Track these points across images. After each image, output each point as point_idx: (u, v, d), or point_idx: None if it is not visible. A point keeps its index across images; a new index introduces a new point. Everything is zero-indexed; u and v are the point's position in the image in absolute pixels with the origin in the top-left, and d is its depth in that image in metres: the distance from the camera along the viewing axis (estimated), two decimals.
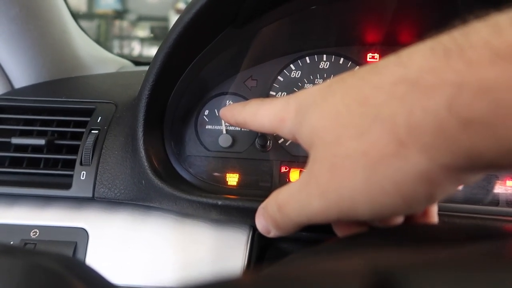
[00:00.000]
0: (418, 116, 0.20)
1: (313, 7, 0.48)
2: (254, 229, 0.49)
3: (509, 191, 0.49)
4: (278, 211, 0.28)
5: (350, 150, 0.23)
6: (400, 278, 0.12)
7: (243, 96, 0.55)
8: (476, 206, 0.48)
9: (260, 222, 0.31)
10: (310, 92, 0.28)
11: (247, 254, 0.47)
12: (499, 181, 0.49)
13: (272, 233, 0.30)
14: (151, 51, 4.15)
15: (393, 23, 0.52)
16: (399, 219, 0.28)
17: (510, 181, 0.49)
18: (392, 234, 0.23)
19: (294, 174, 0.53)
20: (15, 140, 0.52)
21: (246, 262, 0.46)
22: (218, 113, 0.55)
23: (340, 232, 0.31)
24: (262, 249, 0.50)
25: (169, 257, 0.47)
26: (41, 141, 0.51)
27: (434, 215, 0.30)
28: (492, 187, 0.49)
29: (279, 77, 0.56)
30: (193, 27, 0.43)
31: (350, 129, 0.23)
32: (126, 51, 4.02)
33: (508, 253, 0.15)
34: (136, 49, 4.11)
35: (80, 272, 0.23)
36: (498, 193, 0.49)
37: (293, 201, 0.27)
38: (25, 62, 0.61)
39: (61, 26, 0.64)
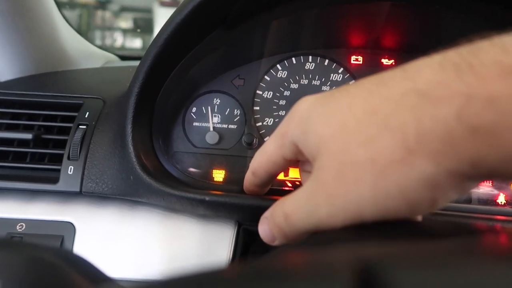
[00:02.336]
0: (427, 124, 0.21)
1: (302, 11, 0.50)
2: (239, 224, 0.50)
3: (481, 190, 0.52)
4: (284, 220, 0.28)
5: (358, 157, 0.24)
6: (385, 269, 0.13)
7: (230, 95, 0.57)
8: (450, 203, 0.51)
9: (264, 231, 0.31)
10: (309, 101, 0.29)
11: (232, 248, 0.48)
12: None
13: (277, 242, 0.30)
14: (134, 43, 4.08)
15: (377, 28, 0.54)
16: None
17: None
18: (376, 228, 0.24)
19: None
20: (1, 134, 0.51)
21: (231, 256, 0.48)
22: (206, 111, 0.56)
23: None
24: (246, 244, 0.51)
25: (156, 251, 0.48)
26: (28, 136, 0.51)
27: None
28: None
29: (266, 77, 0.57)
30: (184, 28, 0.44)
31: (358, 137, 0.24)
32: (108, 42, 3.95)
33: (484, 247, 0.17)
34: (119, 40, 4.04)
35: (77, 264, 0.24)
36: (471, 192, 0.52)
37: (300, 210, 0.27)
38: (10, 55, 0.60)
39: (47, 19, 0.63)
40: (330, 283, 0.12)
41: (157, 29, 0.44)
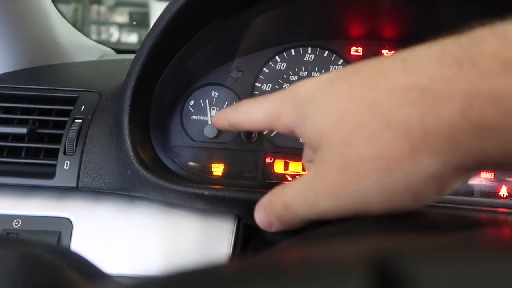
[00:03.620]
0: (431, 122, 0.21)
1: (300, 1, 0.49)
2: (239, 218, 0.50)
3: (483, 182, 0.52)
4: (284, 209, 0.28)
5: (362, 152, 0.24)
6: (404, 262, 0.12)
7: (228, 87, 0.56)
8: (452, 196, 0.50)
9: (261, 218, 0.31)
10: (307, 87, 0.28)
11: (232, 243, 0.48)
12: None
13: (275, 228, 0.30)
14: (130, 37, 4.05)
15: (377, 18, 0.53)
16: None
17: (484, 173, 0.52)
18: (381, 221, 0.24)
19: (278, 165, 0.54)
20: None
21: (231, 251, 0.47)
22: (204, 104, 0.55)
23: None
24: (246, 239, 0.51)
25: (154, 246, 0.48)
26: (23, 130, 0.50)
27: None
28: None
29: (264, 69, 0.56)
30: (181, 17, 0.43)
31: (361, 131, 0.24)
32: (104, 37, 3.91)
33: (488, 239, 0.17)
34: (115, 35, 4.00)
35: (72, 261, 0.23)
36: (473, 184, 0.52)
37: (300, 200, 0.27)
38: (3, 47, 0.59)
39: (41, 11, 0.62)
40: (345, 278, 0.11)
41: (153, 23, 0.43)
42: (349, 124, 0.24)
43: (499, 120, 0.20)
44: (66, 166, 0.48)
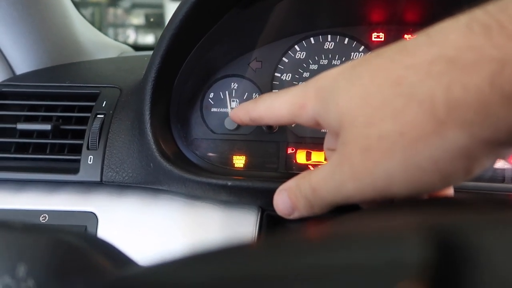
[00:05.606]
0: (457, 94, 0.20)
1: None
2: (262, 210, 0.49)
3: None
4: (312, 193, 0.28)
5: (385, 131, 0.23)
6: (467, 235, 0.11)
7: (248, 78, 0.55)
8: (482, 183, 0.48)
9: (284, 203, 0.30)
10: (330, 76, 0.28)
11: (256, 234, 0.47)
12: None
13: (296, 214, 0.30)
14: (146, 38, 4.10)
15: (399, 1, 0.51)
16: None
17: None
18: (438, 202, 0.23)
19: (300, 155, 0.53)
20: (21, 126, 0.51)
21: None
22: (223, 96, 0.55)
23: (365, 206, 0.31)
24: (270, 230, 0.50)
25: (178, 239, 0.48)
26: (47, 127, 0.51)
27: (450, 188, 0.30)
28: (499, 164, 0.50)
29: (283, 59, 0.55)
30: (199, 8, 0.42)
31: (383, 110, 0.23)
32: (121, 39, 3.97)
33: None
34: (131, 37, 4.05)
35: (101, 247, 0.23)
36: (504, 170, 0.50)
37: (327, 184, 0.27)
38: (26, 47, 0.60)
39: (61, 11, 0.63)
40: (407, 246, 0.11)
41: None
42: (371, 103, 0.24)
43: None
44: (90, 161, 0.49)
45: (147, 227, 0.48)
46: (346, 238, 0.13)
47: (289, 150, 0.53)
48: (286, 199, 0.30)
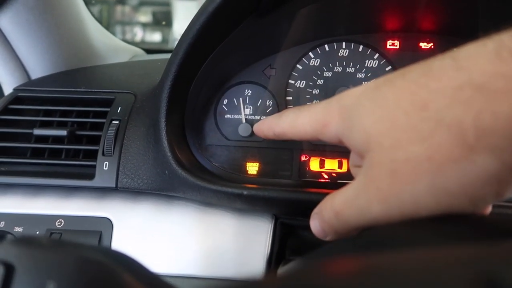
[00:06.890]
0: (487, 121, 0.20)
1: None
2: (276, 217, 0.49)
3: None
4: (335, 217, 0.28)
5: (412, 155, 0.23)
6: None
7: (262, 85, 0.55)
8: None
9: (316, 227, 0.30)
10: (353, 95, 0.28)
11: (269, 242, 0.48)
12: None
13: (329, 237, 0.30)
14: (154, 36, 4.10)
15: (415, 9, 0.51)
16: None
17: None
18: (448, 225, 0.22)
19: (314, 163, 0.53)
20: (37, 131, 0.52)
21: (269, 251, 0.47)
22: (237, 102, 0.55)
23: None
24: (284, 238, 0.50)
25: (192, 246, 0.48)
26: (63, 132, 0.51)
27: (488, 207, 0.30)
28: None
29: (298, 66, 0.55)
30: (217, 17, 0.42)
31: (410, 134, 0.23)
32: (128, 36, 3.98)
33: None
34: (139, 34, 4.06)
35: (127, 264, 0.23)
36: None
37: (351, 207, 0.27)
38: (41, 52, 0.61)
39: (76, 15, 0.63)
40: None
41: (176, 22, 0.43)
42: (398, 126, 0.24)
43: None
44: (105, 167, 0.49)
45: (161, 233, 0.49)
46: None
47: (303, 158, 0.53)
48: (316, 224, 0.30)
